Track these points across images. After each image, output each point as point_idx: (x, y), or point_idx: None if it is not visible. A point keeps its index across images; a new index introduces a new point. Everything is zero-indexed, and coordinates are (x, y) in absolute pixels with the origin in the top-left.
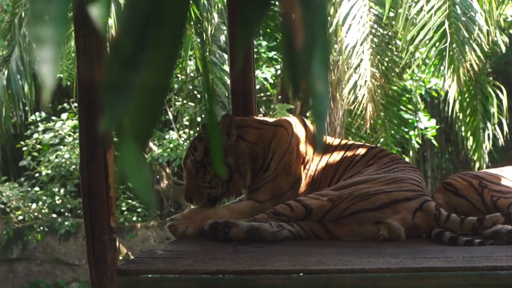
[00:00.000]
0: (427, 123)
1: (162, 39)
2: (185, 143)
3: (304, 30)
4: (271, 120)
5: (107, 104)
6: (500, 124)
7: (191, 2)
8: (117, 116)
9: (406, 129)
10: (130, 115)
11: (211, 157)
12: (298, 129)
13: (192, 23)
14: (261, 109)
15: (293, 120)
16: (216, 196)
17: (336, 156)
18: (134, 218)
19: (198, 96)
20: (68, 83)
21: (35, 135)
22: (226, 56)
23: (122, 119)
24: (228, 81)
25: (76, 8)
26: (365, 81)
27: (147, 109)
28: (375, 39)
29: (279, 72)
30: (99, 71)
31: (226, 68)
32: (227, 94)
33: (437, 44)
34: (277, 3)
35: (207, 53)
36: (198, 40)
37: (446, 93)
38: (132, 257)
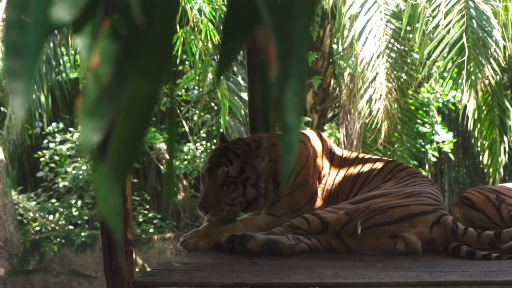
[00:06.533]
0: (445, 136)
1: (143, 67)
2: (202, 155)
3: (278, 63)
4: None
5: (83, 129)
6: None
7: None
8: (93, 143)
9: (423, 143)
10: (109, 144)
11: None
12: (315, 143)
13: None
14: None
15: (310, 133)
16: (234, 215)
17: (353, 170)
18: (151, 230)
19: (215, 108)
20: None
21: (52, 145)
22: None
23: (97, 145)
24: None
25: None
26: (380, 95)
27: (126, 139)
28: (392, 54)
29: None
30: (77, 98)
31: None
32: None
33: (454, 58)
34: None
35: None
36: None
37: (464, 106)
38: (148, 269)
